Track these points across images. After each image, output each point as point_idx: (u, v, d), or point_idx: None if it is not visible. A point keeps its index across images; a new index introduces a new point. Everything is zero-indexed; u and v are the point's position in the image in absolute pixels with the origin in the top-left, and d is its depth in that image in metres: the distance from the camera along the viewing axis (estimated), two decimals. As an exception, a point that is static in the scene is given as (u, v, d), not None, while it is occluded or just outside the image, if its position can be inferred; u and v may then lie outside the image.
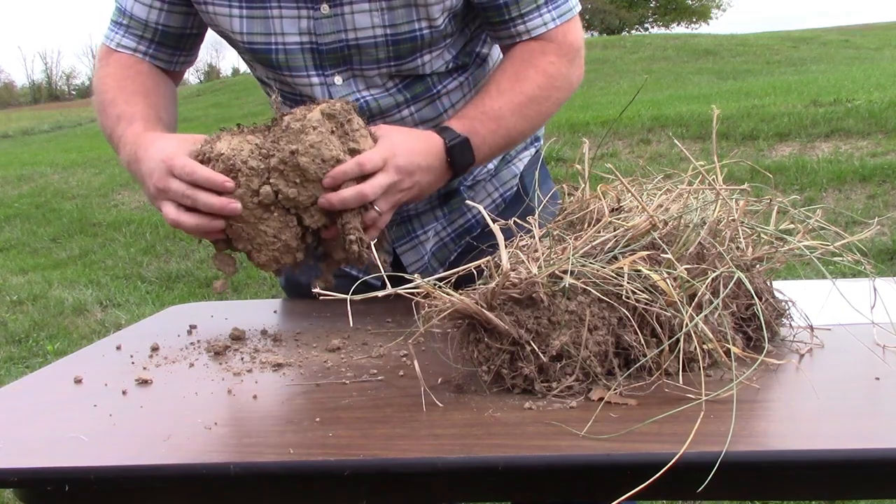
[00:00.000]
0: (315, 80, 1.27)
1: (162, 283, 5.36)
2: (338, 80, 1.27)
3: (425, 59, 1.29)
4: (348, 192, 1.09)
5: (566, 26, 1.30)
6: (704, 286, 0.86)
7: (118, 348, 1.13)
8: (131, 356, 1.09)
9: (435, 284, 0.86)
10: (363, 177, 1.10)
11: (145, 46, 1.34)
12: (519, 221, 1.00)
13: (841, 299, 0.99)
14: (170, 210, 1.10)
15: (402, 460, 0.71)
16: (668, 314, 0.85)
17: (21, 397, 0.98)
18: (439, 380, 0.90)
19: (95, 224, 6.96)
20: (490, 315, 0.84)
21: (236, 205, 1.08)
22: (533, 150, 1.51)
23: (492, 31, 1.32)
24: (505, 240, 0.87)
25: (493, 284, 0.85)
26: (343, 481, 0.71)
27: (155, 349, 1.11)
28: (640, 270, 0.86)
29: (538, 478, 0.73)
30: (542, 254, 0.89)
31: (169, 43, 1.35)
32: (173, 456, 0.75)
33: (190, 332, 1.20)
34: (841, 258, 0.99)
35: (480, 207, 0.96)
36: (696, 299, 0.84)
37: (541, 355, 0.83)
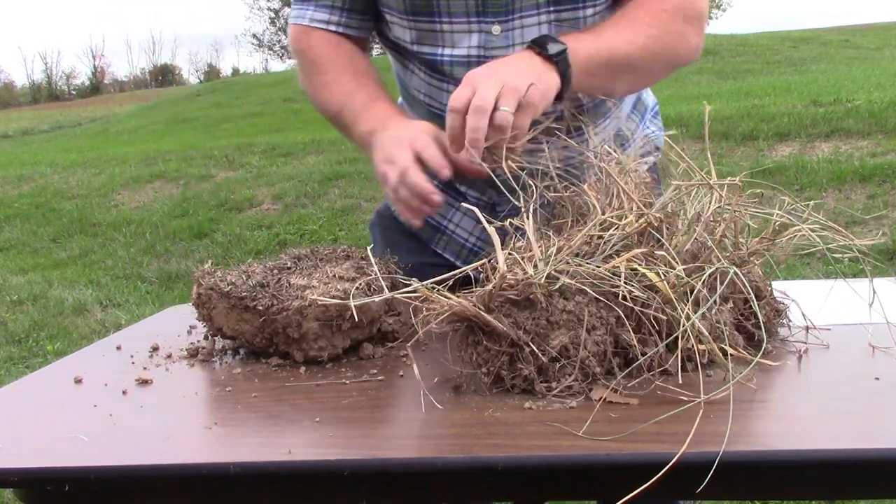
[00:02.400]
0: (474, 26, 1.26)
1: (162, 283, 5.36)
2: (496, 29, 1.26)
3: (588, 13, 1.26)
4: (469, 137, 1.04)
5: None
6: (701, 283, 0.86)
7: (118, 348, 1.13)
8: (131, 356, 1.09)
9: (432, 288, 0.86)
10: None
11: (337, 16, 1.34)
12: (515, 223, 1.00)
13: (841, 299, 0.99)
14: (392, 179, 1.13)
15: (402, 460, 0.71)
16: (666, 314, 0.85)
17: (21, 397, 0.98)
18: (439, 380, 0.90)
19: (95, 224, 6.97)
20: (488, 317, 0.83)
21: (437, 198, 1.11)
22: (652, 160, 1.46)
23: None
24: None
25: (490, 287, 0.85)
26: (343, 481, 0.71)
27: (155, 349, 1.11)
28: (636, 269, 0.86)
29: (538, 478, 0.73)
30: (539, 253, 0.89)
31: (358, 7, 1.34)
32: (173, 456, 0.75)
33: (190, 332, 1.20)
34: (840, 256, 0.99)
35: (477, 210, 0.96)
36: (692, 296, 0.85)
37: (540, 356, 0.83)
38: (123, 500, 0.78)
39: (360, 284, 1.01)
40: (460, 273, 0.90)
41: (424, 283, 0.86)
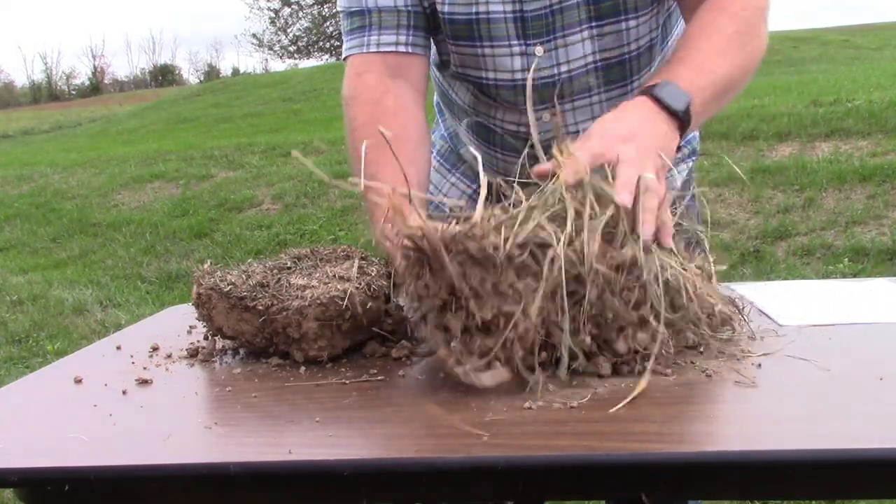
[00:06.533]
0: (516, 49, 1.25)
1: (162, 283, 5.36)
2: (539, 50, 1.25)
3: (630, 24, 1.24)
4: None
5: None
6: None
7: (118, 348, 1.13)
8: (131, 356, 1.09)
9: (409, 201, 0.85)
10: None
11: (405, 36, 1.27)
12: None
13: (841, 299, 0.99)
14: None
15: (402, 460, 0.71)
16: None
17: (21, 397, 0.98)
18: (439, 380, 0.90)
19: (95, 224, 6.96)
20: (443, 252, 0.81)
21: None
22: (690, 163, 1.46)
23: None
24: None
25: (457, 229, 0.83)
26: (343, 481, 0.71)
27: (155, 349, 1.11)
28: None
29: (538, 478, 0.73)
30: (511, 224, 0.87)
31: (422, 24, 1.28)
32: (173, 456, 0.75)
33: (190, 332, 1.20)
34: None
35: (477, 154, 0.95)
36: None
37: (469, 314, 0.82)
38: (123, 500, 0.78)
39: (360, 285, 1.01)
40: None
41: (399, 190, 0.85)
